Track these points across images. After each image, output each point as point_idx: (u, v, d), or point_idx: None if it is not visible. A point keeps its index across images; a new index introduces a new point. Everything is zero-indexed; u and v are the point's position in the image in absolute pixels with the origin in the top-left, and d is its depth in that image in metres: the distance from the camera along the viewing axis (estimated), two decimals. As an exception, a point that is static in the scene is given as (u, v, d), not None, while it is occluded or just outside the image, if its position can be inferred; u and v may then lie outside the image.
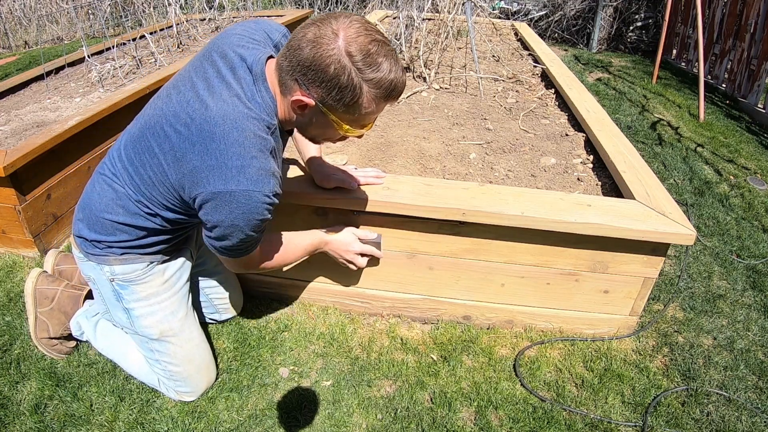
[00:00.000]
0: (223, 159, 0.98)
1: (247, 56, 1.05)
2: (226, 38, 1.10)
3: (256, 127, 1.02)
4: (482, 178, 1.78)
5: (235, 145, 0.98)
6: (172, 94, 1.08)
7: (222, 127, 0.99)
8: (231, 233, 1.05)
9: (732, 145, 3.23)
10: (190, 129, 1.01)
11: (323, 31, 0.92)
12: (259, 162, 1.00)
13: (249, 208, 1.00)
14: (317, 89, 0.96)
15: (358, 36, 0.92)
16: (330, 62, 0.92)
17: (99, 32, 5.53)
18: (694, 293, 1.89)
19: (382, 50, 0.94)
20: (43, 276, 1.50)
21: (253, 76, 1.04)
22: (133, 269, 1.24)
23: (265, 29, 1.16)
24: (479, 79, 2.73)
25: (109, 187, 1.15)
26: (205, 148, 0.99)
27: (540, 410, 1.40)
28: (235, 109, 1.01)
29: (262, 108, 1.04)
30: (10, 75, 4.24)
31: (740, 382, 1.51)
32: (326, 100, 0.97)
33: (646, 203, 1.48)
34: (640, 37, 5.81)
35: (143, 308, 1.28)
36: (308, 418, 1.37)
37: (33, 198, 1.89)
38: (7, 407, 1.36)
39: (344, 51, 0.92)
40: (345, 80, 0.93)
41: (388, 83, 0.96)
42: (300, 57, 0.94)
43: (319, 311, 1.71)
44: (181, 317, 1.34)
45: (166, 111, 1.06)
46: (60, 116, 2.22)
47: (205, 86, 1.04)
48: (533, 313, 1.64)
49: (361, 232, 1.48)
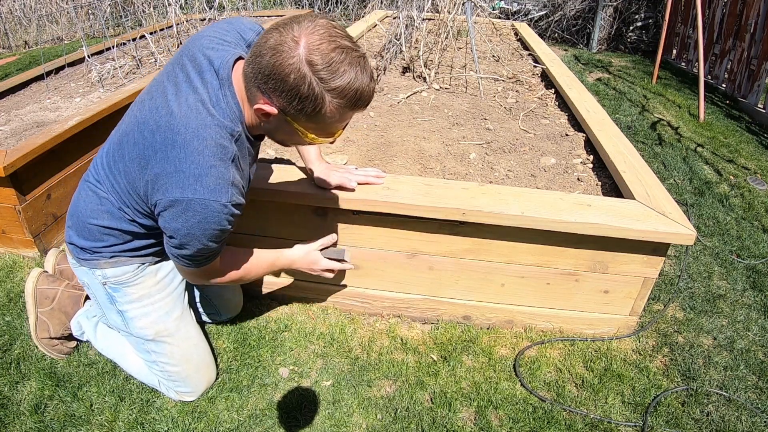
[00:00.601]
0: (182, 167, 0.97)
1: (215, 59, 1.02)
2: (197, 40, 1.08)
3: (218, 135, 1.00)
4: (482, 178, 1.78)
5: (195, 153, 0.97)
6: (146, 100, 1.08)
7: (183, 135, 0.98)
8: (188, 242, 1.03)
9: (732, 145, 3.23)
10: (155, 136, 1.00)
11: (284, 38, 0.89)
12: (218, 171, 0.98)
13: (205, 217, 0.99)
14: (279, 98, 0.93)
15: (320, 43, 0.88)
16: (290, 71, 0.88)
17: (99, 32, 5.53)
18: (694, 293, 1.89)
19: (346, 58, 0.90)
20: (43, 276, 1.50)
21: (219, 80, 1.01)
22: (124, 272, 1.24)
23: (238, 29, 1.13)
24: (479, 79, 2.73)
25: (93, 194, 1.15)
26: (166, 156, 0.98)
27: (540, 410, 1.40)
28: (198, 116, 0.99)
29: (226, 114, 1.01)
30: (10, 75, 4.24)
31: (740, 382, 1.51)
32: (288, 110, 0.94)
33: (646, 203, 1.48)
34: (640, 37, 5.81)
35: (137, 310, 1.28)
36: (308, 418, 1.37)
37: (33, 198, 1.89)
38: (7, 407, 1.36)
39: (305, 60, 0.88)
40: (306, 90, 0.90)
41: (353, 93, 0.92)
42: (261, 65, 0.91)
43: (319, 311, 1.71)
44: (176, 317, 1.33)
45: (139, 118, 1.06)
46: (60, 116, 2.22)
47: (174, 91, 1.03)
48: (533, 313, 1.64)
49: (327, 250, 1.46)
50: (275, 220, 1.58)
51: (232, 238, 1.62)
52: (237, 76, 1.02)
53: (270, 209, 1.55)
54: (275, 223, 1.58)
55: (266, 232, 1.61)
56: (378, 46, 3.47)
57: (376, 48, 3.44)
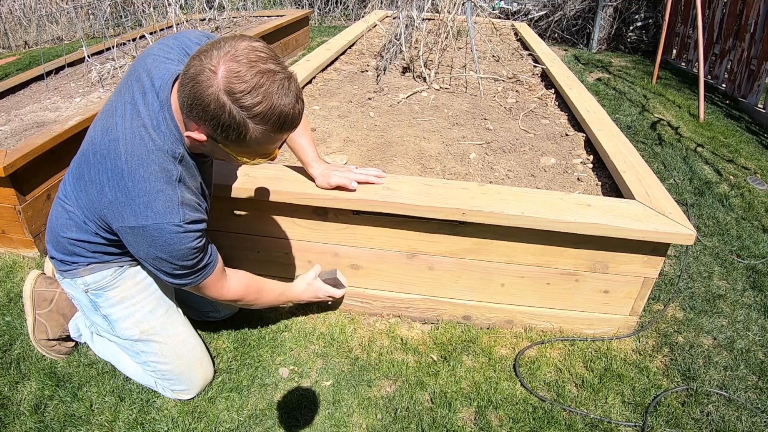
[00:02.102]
0: (132, 195, 1.01)
1: (156, 79, 1.04)
2: (144, 59, 1.10)
3: (161, 159, 1.02)
4: (482, 178, 1.78)
5: (141, 181, 1.00)
6: (99, 121, 1.10)
7: (129, 164, 1.01)
8: (160, 264, 1.07)
9: (732, 145, 3.23)
10: (107, 163, 1.03)
11: (203, 66, 0.89)
12: (165, 195, 1.01)
13: (164, 239, 1.03)
14: (205, 126, 0.94)
15: (239, 69, 0.88)
16: (209, 101, 0.89)
17: (99, 32, 5.52)
18: (694, 293, 1.89)
19: (266, 82, 0.89)
20: (41, 278, 1.50)
21: (159, 102, 1.03)
22: (103, 276, 1.25)
23: (182, 44, 1.13)
24: (479, 79, 2.73)
25: (62, 208, 1.18)
26: (117, 184, 1.02)
27: (540, 410, 1.40)
28: (141, 142, 1.01)
29: (166, 137, 1.03)
30: (10, 75, 4.24)
31: (740, 382, 1.51)
32: (214, 136, 0.96)
33: (646, 203, 1.48)
34: (640, 37, 5.81)
35: (120, 312, 1.29)
36: (308, 418, 1.37)
37: (33, 198, 1.89)
38: (7, 407, 1.36)
39: (223, 89, 0.88)
40: (227, 118, 0.90)
41: (276, 117, 0.92)
42: (184, 94, 0.92)
43: (319, 311, 1.71)
44: (161, 315, 1.34)
45: (93, 138, 1.08)
46: (60, 116, 2.22)
47: (121, 113, 1.05)
48: (533, 313, 1.64)
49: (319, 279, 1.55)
50: (276, 220, 1.57)
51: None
52: (175, 97, 1.02)
53: (270, 209, 1.55)
54: (275, 223, 1.58)
55: (267, 233, 1.61)
56: (378, 46, 3.47)
57: (376, 48, 3.44)
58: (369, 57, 3.22)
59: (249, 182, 1.49)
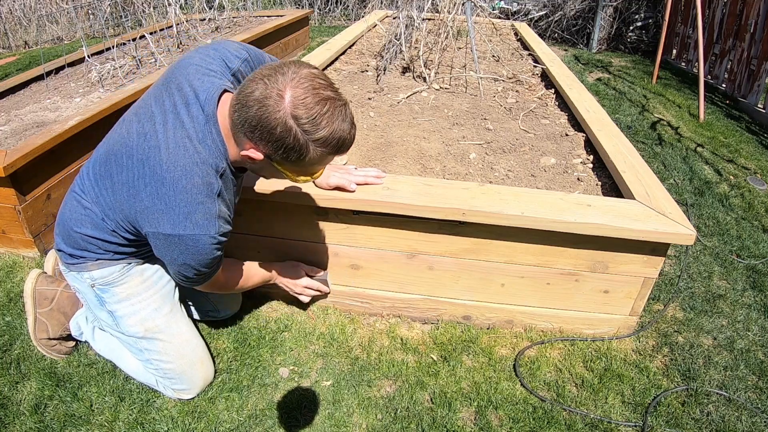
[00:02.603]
0: (172, 205, 1.03)
1: (201, 91, 1.06)
2: (184, 69, 1.11)
3: (204, 173, 1.05)
4: (482, 178, 1.78)
5: (183, 192, 1.02)
6: (134, 123, 1.11)
7: (172, 173, 1.02)
8: (185, 270, 1.12)
9: (732, 145, 3.23)
10: (145, 168, 1.05)
11: (269, 91, 0.93)
12: (205, 207, 1.05)
13: (197, 249, 1.07)
14: (265, 146, 0.99)
15: (305, 96, 0.93)
16: (276, 125, 0.94)
17: (99, 32, 5.53)
18: (694, 293, 1.89)
19: (329, 109, 0.95)
20: (42, 277, 1.50)
21: (205, 116, 1.05)
22: (110, 272, 1.26)
23: (222, 56, 1.15)
24: (479, 79, 2.73)
25: (78, 203, 1.18)
26: (156, 192, 1.03)
27: (540, 410, 1.40)
28: (186, 153, 1.04)
29: (211, 151, 1.06)
30: (10, 75, 4.24)
31: (740, 382, 1.51)
32: (273, 157, 1.01)
33: (646, 203, 1.48)
34: (640, 37, 5.81)
35: (126, 308, 1.30)
36: (308, 418, 1.37)
37: (33, 198, 1.89)
38: (7, 407, 1.36)
39: (290, 114, 0.93)
40: (291, 141, 0.95)
41: (335, 141, 0.98)
42: (247, 115, 0.96)
43: (319, 311, 1.71)
44: (166, 313, 1.35)
45: (127, 140, 1.09)
46: (60, 116, 2.22)
47: (162, 121, 1.06)
48: (533, 313, 1.64)
49: (310, 269, 1.60)
50: (275, 220, 1.58)
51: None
52: (222, 111, 1.06)
53: (270, 209, 1.55)
54: (275, 223, 1.58)
55: (267, 233, 1.61)
56: (378, 46, 3.47)
57: (376, 48, 3.44)
58: (369, 57, 3.22)
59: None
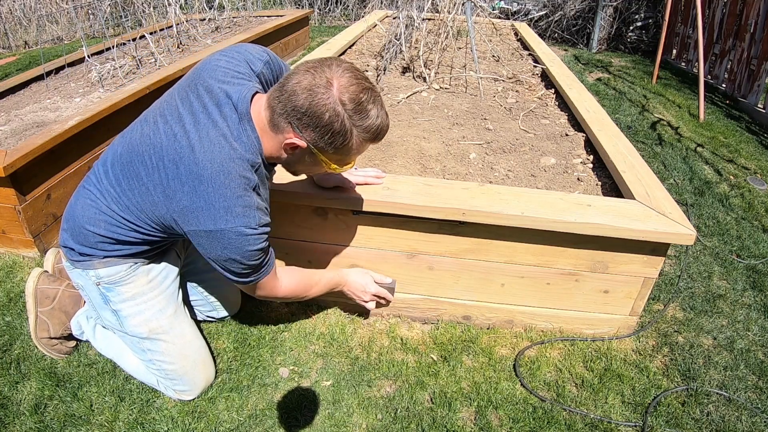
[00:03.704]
0: (211, 201, 1.04)
1: (233, 93, 1.09)
2: (211, 71, 1.13)
3: (241, 168, 1.07)
4: (482, 178, 1.78)
5: (222, 187, 1.04)
6: (159, 123, 1.11)
7: (209, 170, 1.04)
8: (230, 265, 1.12)
9: (732, 145, 3.23)
10: (179, 168, 1.06)
11: (318, 80, 1.00)
12: (244, 201, 1.07)
13: (240, 242, 1.08)
14: (311, 133, 1.04)
15: (350, 85, 1.01)
16: (325, 110, 1.00)
17: (99, 32, 5.53)
18: (694, 293, 1.89)
19: (370, 98, 1.03)
20: (44, 276, 1.50)
21: (238, 115, 1.08)
22: (117, 271, 1.25)
23: (247, 60, 1.18)
24: (479, 79, 2.73)
25: (93, 202, 1.18)
26: (194, 190, 1.05)
27: (540, 410, 1.40)
28: (222, 150, 1.06)
29: (247, 147, 1.08)
30: (10, 75, 4.24)
31: (740, 382, 1.51)
32: (318, 143, 1.05)
33: (646, 203, 1.48)
34: (640, 37, 5.81)
35: (130, 308, 1.30)
36: (308, 418, 1.37)
37: (33, 198, 1.89)
38: (7, 407, 1.36)
39: (338, 99, 1.00)
40: (338, 126, 1.02)
41: (376, 128, 1.06)
42: (296, 103, 1.01)
43: (319, 311, 1.71)
44: (170, 314, 1.34)
45: (154, 141, 1.10)
46: (60, 116, 2.22)
47: (192, 122, 1.08)
48: (533, 313, 1.64)
49: (378, 276, 1.57)
50: (275, 220, 1.57)
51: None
52: (255, 110, 1.09)
53: (270, 209, 1.55)
54: (276, 223, 1.58)
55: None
56: (378, 46, 3.47)
57: (376, 48, 3.44)
58: (369, 57, 3.22)
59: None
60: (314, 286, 1.39)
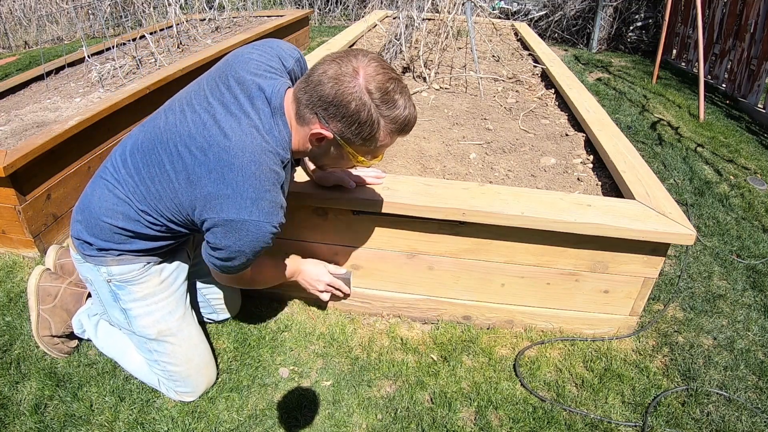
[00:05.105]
0: (240, 189, 1.02)
1: (266, 87, 1.08)
2: (243, 64, 1.12)
3: (272, 161, 1.06)
4: (482, 178, 1.78)
5: (252, 177, 1.03)
6: (186, 111, 1.10)
7: (241, 158, 1.03)
8: (235, 257, 1.11)
9: (732, 145, 3.23)
10: (207, 155, 1.04)
11: (344, 69, 0.99)
12: (272, 195, 1.06)
13: (257, 237, 1.06)
14: (337, 123, 1.02)
15: (376, 74, 0.99)
16: (351, 99, 0.98)
17: (99, 32, 5.53)
18: (694, 293, 1.89)
19: (397, 88, 1.01)
20: (46, 273, 1.50)
21: (271, 109, 1.07)
22: (130, 270, 1.24)
23: (279, 55, 1.17)
24: (479, 79, 2.73)
25: (110, 192, 1.16)
26: (222, 177, 1.03)
27: (540, 410, 1.40)
28: (254, 141, 1.04)
29: (278, 141, 1.08)
30: (10, 75, 4.24)
31: (740, 382, 1.51)
32: (345, 134, 1.03)
33: (646, 203, 1.48)
34: (640, 37, 5.81)
35: (140, 308, 1.29)
36: (308, 418, 1.37)
37: (33, 198, 1.89)
38: (7, 407, 1.36)
39: (364, 89, 0.98)
40: (365, 116, 1.00)
41: (403, 119, 1.03)
42: (322, 93, 1.00)
43: (319, 311, 1.71)
44: (179, 317, 1.34)
45: (180, 129, 1.08)
46: (60, 116, 2.22)
47: (224, 112, 1.06)
48: (533, 313, 1.64)
49: (333, 267, 1.58)
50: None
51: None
52: (287, 104, 1.09)
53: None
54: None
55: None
56: (378, 46, 3.47)
57: (376, 48, 3.44)
58: (369, 57, 3.22)
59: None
60: (273, 275, 1.41)
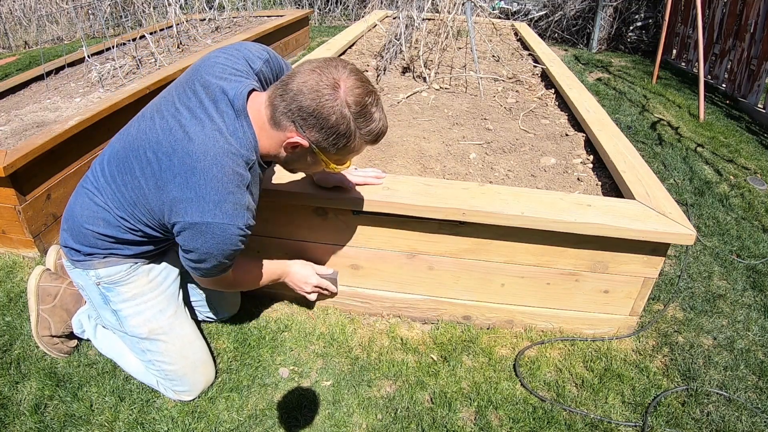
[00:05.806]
0: (202, 193, 1.03)
1: (229, 90, 1.09)
2: (209, 68, 1.13)
3: (235, 164, 1.06)
4: (482, 178, 1.78)
5: (214, 180, 1.04)
6: (156, 118, 1.11)
7: (203, 162, 1.04)
8: (206, 259, 1.11)
9: (732, 145, 3.23)
10: (172, 160, 1.05)
11: (325, 81, 1.00)
12: (235, 197, 1.06)
13: (223, 239, 1.07)
14: (315, 133, 1.04)
15: (355, 88, 1.02)
16: (332, 112, 1.00)
17: (99, 32, 5.53)
18: (694, 293, 1.89)
19: (374, 101, 1.05)
20: (46, 273, 1.50)
21: (234, 111, 1.08)
22: (117, 271, 1.26)
23: (246, 57, 1.18)
24: (479, 79, 2.73)
25: (90, 200, 1.18)
26: (186, 181, 1.04)
27: (540, 410, 1.40)
28: (216, 144, 1.05)
29: (242, 143, 1.08)
30: (10, 75, 4.24)
31: (740, 382, 1.51)
32: (321, 144, 1.05)
33: (646, 203, 1.48)
34: (640, 37, 5.81)
35: (130, 308, 1.30)
36: (308, 418, 1.37)
37: (33, 198, 1.89)
38: (7, 407, 1.36)
39: (345, 102, 1.00)
40: (344, 128, 1.02)
41: (378, 131, 1.08)
42: (302, 103, 1.01)
43: (319, 311, 1.72)
44: (170, 315, 1.34)
45: (150, 135, 1.10)
46: (60, 116, 2.22)
47: (189, 116, 1.08)
48: (533, 313, 1.64)
49: (320, 268, 1.59)
50: (275, 220, 1.58)
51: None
52: (252, 107, 1.09)
53: (270, 209, 1.55)
54: (275, 223, 1.58)
55: (267, 233, 1.61)
56: (378, 46, 3.47)
57: (376, 48, 3.44)
58: (369, 57, 3.22)
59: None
60: (259, 277, 1.40)
